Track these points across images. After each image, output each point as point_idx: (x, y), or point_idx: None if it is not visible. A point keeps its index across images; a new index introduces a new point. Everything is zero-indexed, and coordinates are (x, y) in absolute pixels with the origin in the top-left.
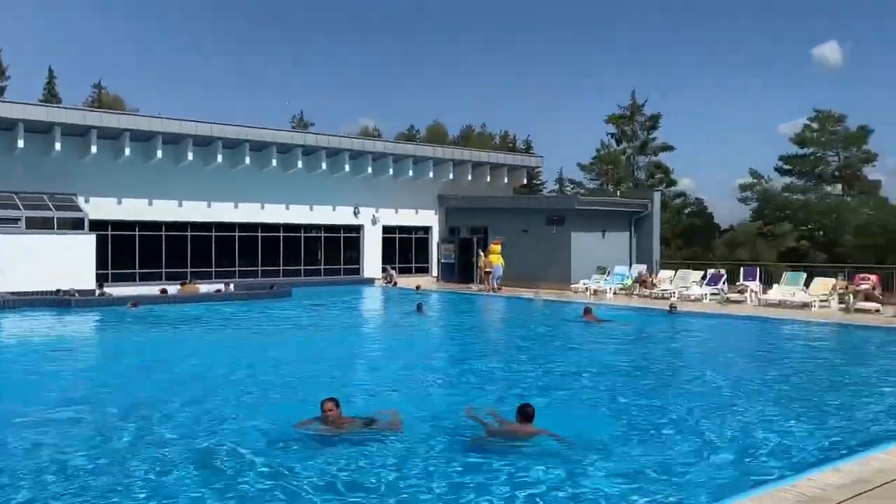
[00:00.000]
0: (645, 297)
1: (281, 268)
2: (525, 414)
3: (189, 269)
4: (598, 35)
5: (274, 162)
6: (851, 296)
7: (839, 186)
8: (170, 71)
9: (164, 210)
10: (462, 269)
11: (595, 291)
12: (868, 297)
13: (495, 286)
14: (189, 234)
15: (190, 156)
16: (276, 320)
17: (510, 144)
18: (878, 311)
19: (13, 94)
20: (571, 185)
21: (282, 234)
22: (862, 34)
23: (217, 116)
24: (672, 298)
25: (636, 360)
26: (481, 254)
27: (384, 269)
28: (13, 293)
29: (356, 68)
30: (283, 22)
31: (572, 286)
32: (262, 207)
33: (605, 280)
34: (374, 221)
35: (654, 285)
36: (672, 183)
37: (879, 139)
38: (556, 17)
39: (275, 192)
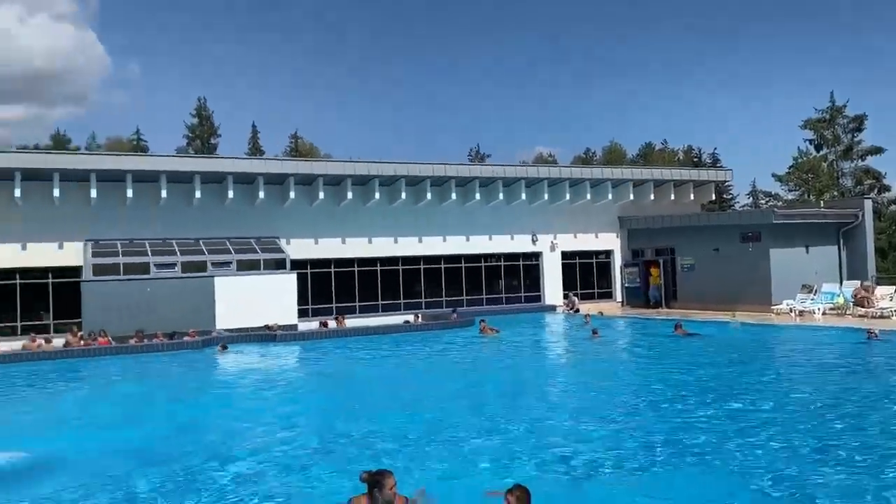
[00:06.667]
0: (861, 316)
1: (464, 297)
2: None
3: (380, 302)
4: (792, 33)
5: (453, 195)
6: None
7: None
8: (356, 117)
9: (356, 247)
10: (647, 292)
11: (801, 312)
12: None
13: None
14: (378, 268)
15: (377, 195)
16: (459, 349)
17: (694, 159)
18: None
19: (224, 149)
20: (766, 199)
21: (463, 265)
22: None
23: (399, 156)
24: (887, 318)
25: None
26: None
27: (566, 296)
28: (227, 330)
29: (529, 97)
30: (456, 64)
31: (773, 307)
32: (444, 240)
33: (812, 300)
34: (552, 248)
35: (871, 304)
36: (885, 188)
37: None
38: (742, 17)
39: (455, 225)
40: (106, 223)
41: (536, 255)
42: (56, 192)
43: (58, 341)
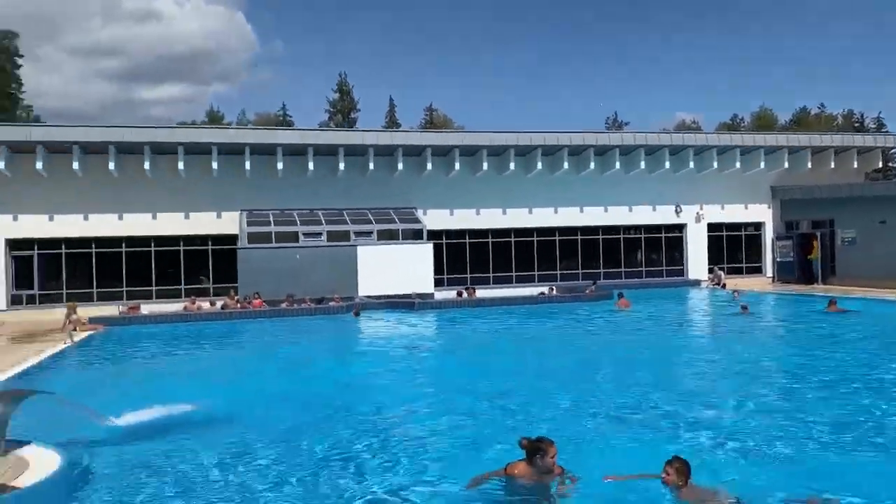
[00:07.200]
0: None
1: (601, 270)
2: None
3: (514, 273)
4: None
5: (592, 165)
6: None
7: None
8: (490, 87)
9: (490, 218)
10: (802, 267)
11: None
12: None
13: None
14: (513, 240)
15: (512, 165)
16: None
17: (856, 124)
18: None
19: (363, 123)
20: None
21: (601, 237)
22: None
23: (534, 125)
24: None
25: None
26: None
27: (711, 270)
28: (368, 297)
29: (668, 61)
30: (590, 30)
31: None
32: (581, 211)
33: None
34: (697, 219)
35: None
36: None
37: None
38: None
39: (592, 195)
40: (259, 194)
41: (680, 227)
42: (214, 165)
43: (217, 303)
